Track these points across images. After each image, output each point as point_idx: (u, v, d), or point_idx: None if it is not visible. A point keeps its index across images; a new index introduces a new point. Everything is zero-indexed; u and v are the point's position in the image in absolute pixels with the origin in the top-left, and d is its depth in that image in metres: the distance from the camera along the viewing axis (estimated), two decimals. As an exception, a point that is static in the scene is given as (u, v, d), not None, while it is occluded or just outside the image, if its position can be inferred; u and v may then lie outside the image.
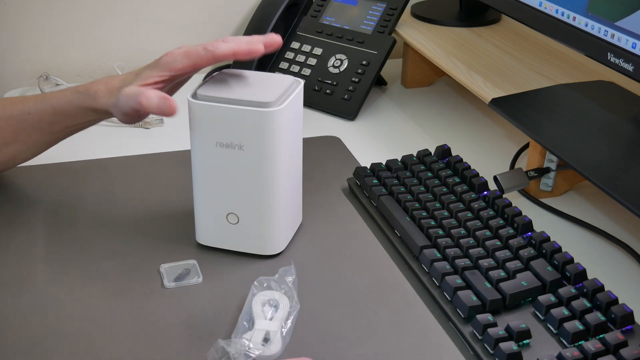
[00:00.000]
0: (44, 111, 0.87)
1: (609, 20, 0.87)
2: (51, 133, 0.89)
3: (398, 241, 0.86)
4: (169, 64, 0.80)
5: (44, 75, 1.25)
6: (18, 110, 0.88)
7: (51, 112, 0.87)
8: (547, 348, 0.70)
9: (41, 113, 0.87)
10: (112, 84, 0.84)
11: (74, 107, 0.86)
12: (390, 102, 1.26)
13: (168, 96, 0.78)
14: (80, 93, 0.85)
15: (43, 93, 0.90)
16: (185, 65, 0.80)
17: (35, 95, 0.90)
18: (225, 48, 0.79)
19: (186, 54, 0.80)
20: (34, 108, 0.88)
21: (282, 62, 1.26)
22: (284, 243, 0.85)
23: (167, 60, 0.80)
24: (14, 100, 0.90)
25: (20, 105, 0.88)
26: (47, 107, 0.87)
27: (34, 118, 0.88)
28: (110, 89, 0.83)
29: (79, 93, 0.85)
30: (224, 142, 0.78)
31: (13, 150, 0.90)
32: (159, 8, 1.34)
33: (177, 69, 0.80)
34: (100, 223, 0.90)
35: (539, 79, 1.08)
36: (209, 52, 0.79)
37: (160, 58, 0.81)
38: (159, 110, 0.78)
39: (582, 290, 0.74)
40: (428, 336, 0.74)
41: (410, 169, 0.96)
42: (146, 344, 0.72)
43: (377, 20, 1.24)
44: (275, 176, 0.80)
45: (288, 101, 0.78)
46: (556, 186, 0.98)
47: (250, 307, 0.74)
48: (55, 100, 0.87)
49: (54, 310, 0.76)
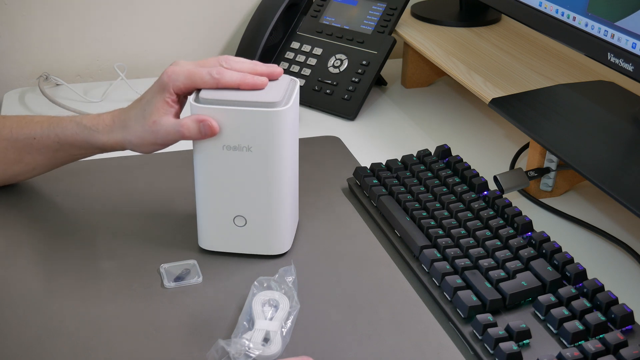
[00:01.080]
0: (49, 138, 0.87)
1: (608, 20, 0.87)
2: (55, 158, 0.89)
3: (398, 241, 0.86)
4: (172, 83, 0.79)
5: (44, 75, 1.25)
6: (24, 134, 0.88)
7: (56, 140, 0.87)
8: (547, 348, 0.70)
9: (46, 140, 0.87)
10: (118, 118, 0.83)
11: (79, 140, 0.86)
12: (390, 102, 1.26)
13: (203, 117, 0.77)
14: (87, 128, 0.85)
15: (50, 116, 0.89)
16: (188, 86, 0.79)
17: (42, 119, 0.89)
18: (229, 78, 0.78)
19: (189, 76, 0.78)
20: (40, 134, 0.87)
21: (282, 62, 1.26)
22: (290, 242, 0.85)
23: (169, 80, 0.79)
24: (20, 122, 0.89)
25: (26, 129, 0.88)
26: (53, 135, 0.87)
27: (39, 143, 0.88)
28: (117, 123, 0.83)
29: (86, 128, 0.85)
30: (231, 144, 0.78)
31: (16, 171, 0.91)
32: (159, 8, 1.34)
33: (180, 89, 0.79)
34: (100, 223, 0.90)
35: (539, 79, 1.08)
36: (213, 79, 0.78)
37: (161, 78, 0.80)
38: (202, 135, 0.77)
39: (582, 290, 0.74)
40: (428, 336, 0.74)
41: (410, 169, 0.96)
42: (146, 344, 0.72)
43: (377, 20, 1.24)
44: (283, 175, 0.80)
45: (292, 100, 0.78)
46: (556, 186, 0.98)
47: (250, 307, 0.74)
48: (60, 130, 0.86)
49: (54, 310, 0.76)
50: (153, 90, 0.81)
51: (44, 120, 0.88)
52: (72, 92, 1.24)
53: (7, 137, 0.88)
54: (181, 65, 0.80)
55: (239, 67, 0.79)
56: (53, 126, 0.87)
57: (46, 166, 0.91)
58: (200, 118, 0.77)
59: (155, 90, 0.81)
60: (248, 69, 0.80)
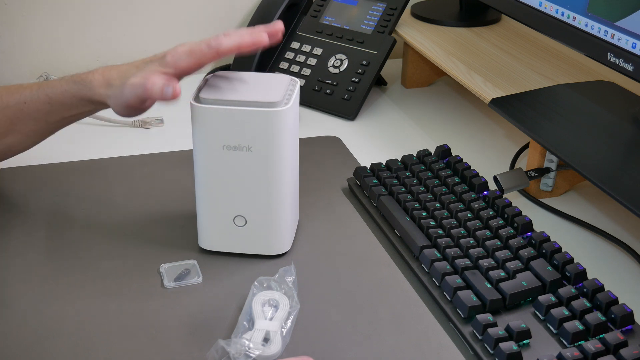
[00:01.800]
0: (39, 100, 0.86)
1: (608, 20, 0.87)
2: (48, 123, 0.88)
3: (398, 241, 0.86)
4: (173, 61, 0.78)
5: (44, 75, 1.25)
6: (14, 99, 0.87)
7: (47, 101, 0.86)
8: (547, 348, 0.70)
9: (37, 102, 0.86)
10: (109, 74, 0.82)
11: (69, 97, 0.84)
12: (390, 102, 1.26)
13: (174, 79, 0.76)
14: (76, 83, 0.84)
15: (39, 82, 0.88)
16: (190, 64, 0.78)
17: (32, 84, 0.88)
18: (228, 42, 0.77)
19: (190, 52, 0.78)
20: (30, 97, 0.86)
21: (282, 62, 1.26)
22: (290, 242, 0.85)
23: (171, 58, 0.78)
24: (9, 88, 0.89)
25: (16, 95, 0.87)
26: (43, 96, 0.86)
27: (30, 107, 0.86)
28: (108, 79, 0.82)
29: (75, 83, 0.84)
30: (231, 144, 0.78)
31: (10, 140, 0.89)
32: (159, 9, 1.34)
33: (182, 67, 0.78)
34: (100, 223, 0.90)
35: (539, 79, 1.08)
36: (212, 48, 0.77)
37: (164, 56, 0.79)
38: (163, 94, 0.76)
39: (582, 290, 0.74)
40: (428, 336, 0.74)
41: (410, 169, 0.96)
42: (146, 344, 0.72)
43: (377, 20, 1.24)
44: (283, 175, 0.80)
45: (292, 100, 0.78)
46: (556, 186, 0.98)
47: (250, 307, 0.74)
48: (50, 90, 0.85)
49: (54, 310, 0.76)
50: (151, 59, 0.80)
51: (34, 85, 0.88)
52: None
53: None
54: (184, 45, 0.79)
55: (237, 34, 0.78)
56: (43, 87, 0.86)
57: (40, 132, 0.89)
58: (170, 79, 0.76)
59: (154, 61, 0.80)
60: (246, 31, 0.78)
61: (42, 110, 0.87)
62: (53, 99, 0.85)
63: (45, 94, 0.86)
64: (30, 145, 0.92)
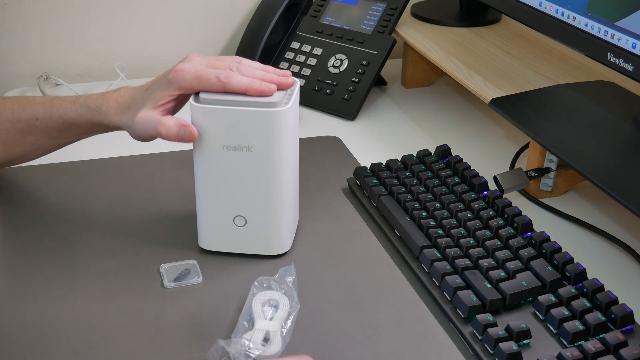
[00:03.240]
0: (52, 120, 0.87)
1: (608, 20, 0.87)
2: (59, 139, 0.89)
3: (398, 241, 0.86)
4: (178, 82, 0.78)
5: (44, 75, 1.25)
6: (26, 115, 0.88)
7: (60, 121, 0.86)
8: (547, 348, 0.70)
9: (50, 121, 0.87)
10: (122, 100, 0.83)
11: (84, 121, 0.85)
12: (390, 102, 1.26)
13: (186, 123, 0.77)
14: (91, 109, 0.84)
15: (52, 97, 0.89)
16: (193, 87, 0.78)
17: (44, 100, 0.88)
18: (238, 83, 0.77)
19: (197, 77, 0.77)
20: (43, 115, 0.87)
21: (282, 62, 1.26)
22: (290, 242, 0.85)
23: (177, 78, 0.78)
24: (22, 102, 0.89)
25: (28, 110, 0.88)
26: (56, 117, 0.86)
27: (42, 124, 0.87)
28: (121, 106, 0.83)
29: (90, 109, 0.84)
30: (231, 144, 0.78)
31: (18, 152, 0.90)
32: (159, 8, 1.34)
33: (186, 88, 0.79)
34: (100, 223, 0.90)
35: (539, 79, 1.08)
36: (220, 82, 0.77)
37: (169, 74, 0.79)
38: (179, 138, 0.77)
39: (582, 290, 0.74)
40: (428, 336, 0.74)
41: (410, 169, 0.96)
42: (146, 344, 0.72)
43: (377, 20, 1.24)
44: (283, 175, 0.80)
45: (292, 100, 0.78)
46: (556, 186, 0.98)
47: (250, 307, 0.74)
48: (63, 111, 0.86)
49: (54, 310, 0.76)
50: (160, 83, 0.80)
51: (46, 101, 0.88)
52: (72, 92, 1.23)
53: (9, 118, 0.88)
54: (192, 64, 0.79)
55: (250, 73, 0.78)
56: (56, 107, 0.86)
57: (49, 147, 0.91)
58: (183, 122, 0.77)
59: (162, 85, 0.80)
60: (258, 76, 0.78)
61: (54, 128, 0.87)
62: (67, 120, 0.86)
63: (58, 115, 0.86)
64: (37, 157, 0.93)
